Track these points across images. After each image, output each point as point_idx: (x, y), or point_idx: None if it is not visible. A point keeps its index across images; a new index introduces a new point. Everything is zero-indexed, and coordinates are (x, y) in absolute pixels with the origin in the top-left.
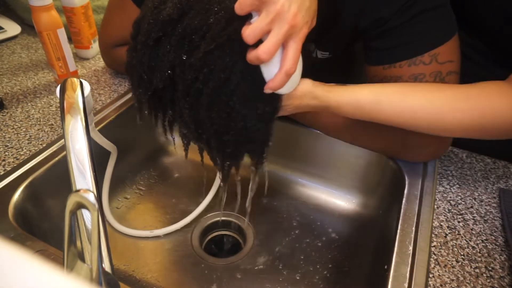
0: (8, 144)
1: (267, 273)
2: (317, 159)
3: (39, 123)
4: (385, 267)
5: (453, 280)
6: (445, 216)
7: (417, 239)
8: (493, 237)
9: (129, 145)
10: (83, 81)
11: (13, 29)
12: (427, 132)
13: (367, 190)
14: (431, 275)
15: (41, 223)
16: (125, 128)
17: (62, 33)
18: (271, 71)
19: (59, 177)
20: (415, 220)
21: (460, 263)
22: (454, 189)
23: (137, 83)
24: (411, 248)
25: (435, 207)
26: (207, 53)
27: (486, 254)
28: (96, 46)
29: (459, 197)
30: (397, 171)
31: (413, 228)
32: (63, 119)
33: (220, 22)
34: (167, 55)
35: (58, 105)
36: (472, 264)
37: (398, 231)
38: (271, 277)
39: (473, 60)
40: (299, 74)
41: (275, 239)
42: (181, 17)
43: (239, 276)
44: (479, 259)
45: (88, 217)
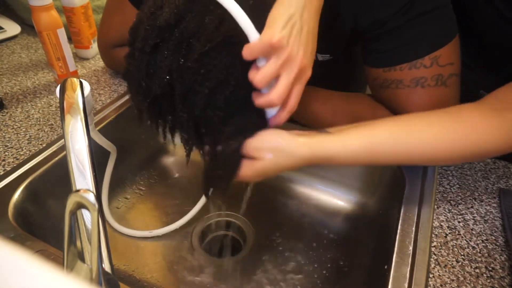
0: (8, 144)
1: (267, 273)
2: None
3: (39, 123)
4: (385, 267)
5: (453, 280)
6: (445, 216)
7: (417, 239)
8: (493, 237)
9: (129, 145)
10: (83, 81)
11: (13, 29)
12: (426, 165)
13: (367, 190)
14: (431, 275)
15: (41, 223)
16: (125, 128)
17: (62, 33)
18: (272, 109)
19: (59, 177)
20: (415, 220)
21: (460, 263)
22: (454, 189)
23: (136, 90)
24: (411, 248)
25: (435, 207)
26: (203, 55)
27: (486, 254)
28: (96, 46)
29: (459, 197)
30: (397, 171)
31: (413, 228)
32: (63, 119)
33: (213, 22)
34: (165, 61)
35: (58, 105)
36: (472, 264)
37: (398, 231)
38: (271, 277)
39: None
40: None
41: (275, 239)
42: (178, 22)
43: (239, 276)
44: (479, 259)
45: (88, 217)
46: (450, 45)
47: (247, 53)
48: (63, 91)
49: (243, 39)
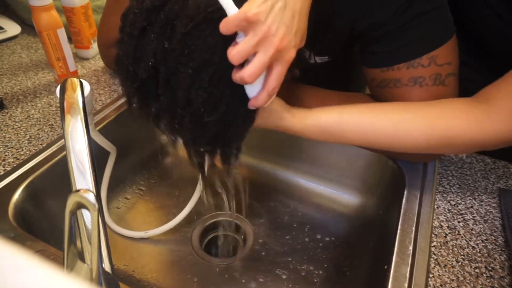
0: (8, 144)
1: (267, 273)
2: (317, 159)
3: (39, 123)
4: (385, 267)
5: (453, 280)
6: (445, 216)
7: (417, 239)
8: (493, 237)
9: (129, 145)
10: (83, 81)
11: (13, 29)
12: (389, 150)
13: (367, 190)
14: (431, 275)
15: (41, 223)
16: (125, 128)
17: (62, 33)
18: (253, 88)
19: (59, 177)
20: (415, 220)
21: (460, 263)
22: (454, 189)
23: (125, 76)
24: (411, 248)
25: (435, 207)
26: (185, 35)
27: (486, 254)
28: (96, 46)
29: (459, 197)
30: (397, 171)
31: (413, 228)
32: (63, 119)
33: (196, 2)
34: (151, 44)
35: (58, 105)
36: (472, 264)
37: (398, 231)
38: (271, 277)
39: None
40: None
41: (275, 239)
42: (163, 4)
43: (239, 276)
44: (479, 259)
45: (88, 217)
46: (447, 44)
47: (223, 27)
48: (63, 91)
49: (225, 15)
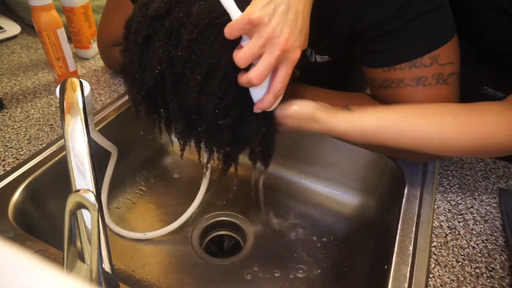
0: (8, 144)
1: (267, 273)
2: (317, 159)
3: (39, 123)
4: (385, 267)
5: (453, 280)
6: (445, 216)
7: (417, 239)
8: (493, 237)
9: (129, 145)
10: (83, 81)
11: (13, 29)
12: (432, 153)
13: (367, 190)
14: (431, 275)
15: (41, 223)
16: (125, 128)
17: (62, 33)
18: (258, 92)
19: (59, 177)
20: (415, 220)
21: (460, 263)
22: (454, 189)
23: (131, 84)
24: (411, 248)
25: (435, 207)
26: (191, 41)
27: (486, 254)
28: (96, 46)
29: (459, 197)
30: (397, 171)
31: (413, 228)
32: (63, 119)
33: (200, 9)
34: (156, 52)
35: (58, 105)
36: (472, 264)
37: (398, 231)
38: (271, 277)
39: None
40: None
41: (275, 239)
42: (168, 12)
43: (239, 276)
44: (479, 259)
45: (88, 217)
46: (449, 44)
47: (228, 32)
48: (63, 91)
49: (229, 20)
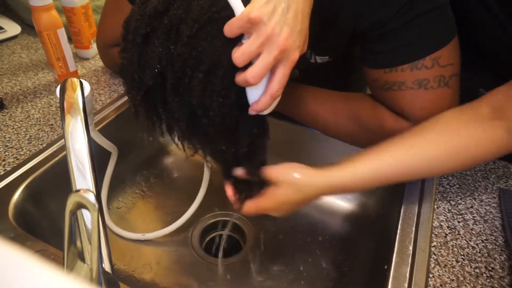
0: (8, 144)
1: (267, 273)
2: (317, 159)
3: (39, 123)
4: (385, 267)
5: (453, 280)
6: (445, 216)
7: (417, 239)
8: (493, 237)
9: (129, 145)
10: (83, 81)
11: (13, 29)
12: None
13: (367, 190)
14: (431, 275)
15: (41, 223)
16: (125, 128)
17: (62, 33)
18: (255, 92)
19: (59, 177)
20: (415, 220)
21: (460, 263)
22: (454, 189)
23: (130, 84)
24: (411, 248)
25: (435, 207)
26: (191, 37)
27: (486, 254)
28: (96, 46)
29: (459, 197)
30: None
31: (413, 228)
32: (63, 119)
33: (200, 4)
34: (155, 50)
35: (58, 105)
36: (472, 264)
37: (398, 231)
38: (271, 277)
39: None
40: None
41: (275, 239)
42: (166, 9)
43: (239, 276)
44: (479, 259)
45: (88, 217)
46: (450, 45)
47: (227, 29)
48: (63, 91)
49: (231, 14)
